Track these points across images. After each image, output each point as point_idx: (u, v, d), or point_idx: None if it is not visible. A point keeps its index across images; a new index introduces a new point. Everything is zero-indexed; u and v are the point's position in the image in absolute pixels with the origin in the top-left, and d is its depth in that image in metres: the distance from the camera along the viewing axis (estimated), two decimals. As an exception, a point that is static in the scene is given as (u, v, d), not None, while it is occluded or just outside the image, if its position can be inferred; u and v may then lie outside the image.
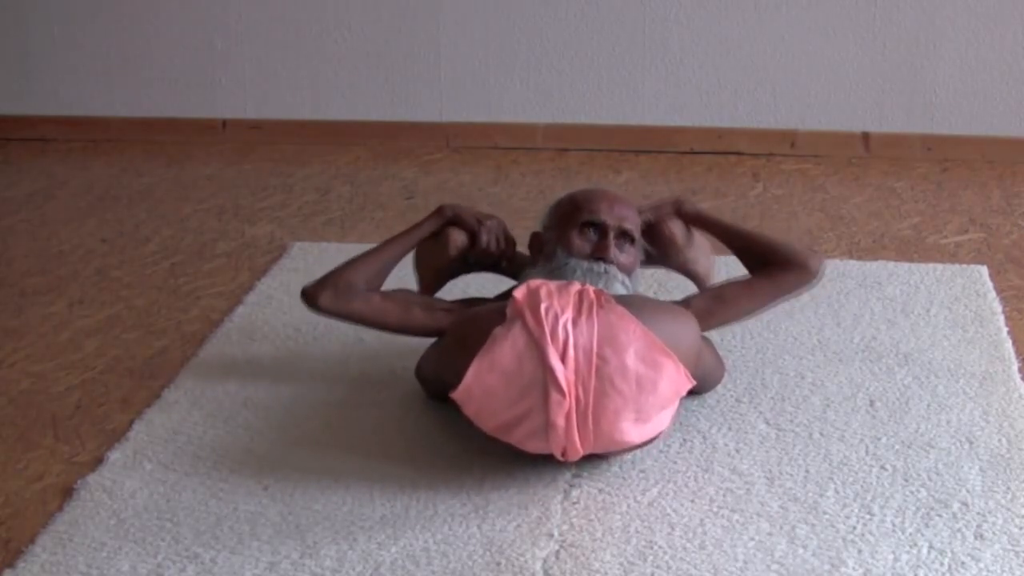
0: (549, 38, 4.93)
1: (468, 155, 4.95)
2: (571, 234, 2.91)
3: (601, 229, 2.91)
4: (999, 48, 4.74)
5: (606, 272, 2.86)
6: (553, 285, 2.63)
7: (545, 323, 2.53)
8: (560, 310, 2.55)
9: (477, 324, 2.65)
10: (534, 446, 2.59)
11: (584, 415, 2.53)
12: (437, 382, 2.85)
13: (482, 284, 3.40)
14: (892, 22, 4.76)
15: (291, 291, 3.60)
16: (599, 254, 2.88)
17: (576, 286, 2.63)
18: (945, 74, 4.78)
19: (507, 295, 2.98)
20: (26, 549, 2.46)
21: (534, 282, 2.64)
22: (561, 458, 2.59)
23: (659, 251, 3.06)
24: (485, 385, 2.57)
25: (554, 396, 2.51)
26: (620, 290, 2.84)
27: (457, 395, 2.61)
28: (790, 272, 2.96)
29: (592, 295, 2.60)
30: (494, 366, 2.56)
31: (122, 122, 5.19)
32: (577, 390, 2.52)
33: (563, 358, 2.51)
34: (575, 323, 2.54)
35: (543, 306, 2.55)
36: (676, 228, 3.06)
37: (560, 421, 2.52)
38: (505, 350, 2.55)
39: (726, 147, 4.90)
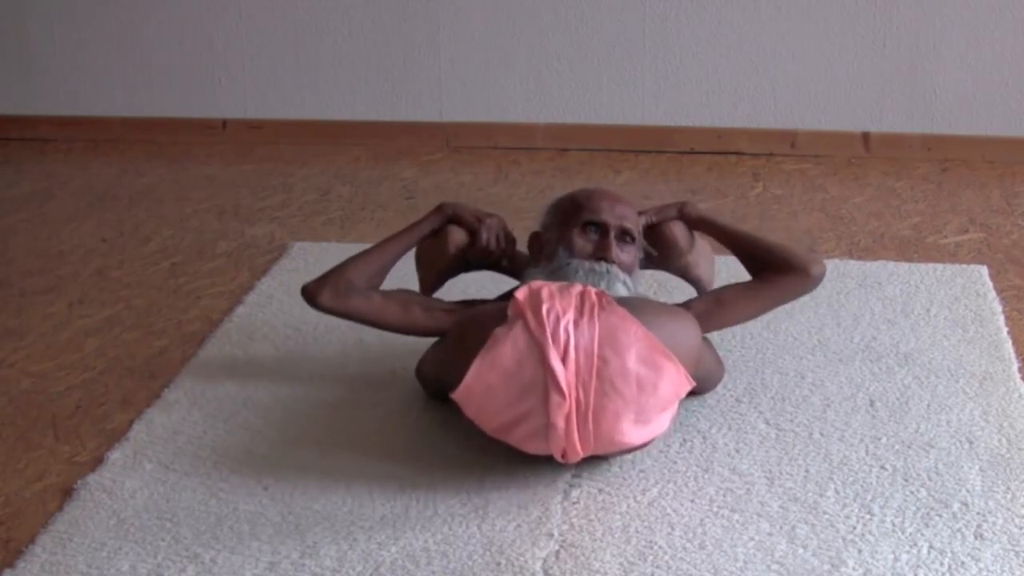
0: (549, 38, 4.93)
1: (468, 155, 4.95)
2: (572, 234, 2.91)
3: (602, 228, 2.91)
4: (999, 48, 4.74)
5: (608, 272, 2.86)
6: (555, 286, 2.62)
7: (547, 324, 2.53)
8: (561, 311, 2.55)
9: (478, 324, 2.65)
10: (534, 447, 2.59)
11: (584, 416, 2.53)
12: (437, 382, 2.85)
13: (482, 284, 3.40)
14: (892, 22, 4.76)
15: (291, 291, 3.60)
16: (601, 254, 2.88)
17: (578, 287, 2.62)
18: (945, 74, 4.78)
19: (509, 296, 2.99)
20: (26, 549, 2.46)
21: (535, 283, 2.64)
22: (561, 459, 2.59)
23: (661, 253, 3.06)
24: (485, 385, 2.57)
25: (554, 397, 2.51)
26: (622, 289, 2.84)
27: (457, 395, 2.61)
28: (790, 276, 2.95)
29: (593, 296, 2.59)
30: (495, 366, 2.55)
31: (122, 122, 5.19)
32: (577, 392, 2.52)
33: (564, 359, 2.51)
34: (576, 324, 2.54)
35: (544, 307, 2.55)
36: (679, 231, 3.06)
37: (560, 422, 2.52)
38: (506, 350, 2.55)
39: (726, 147, 4.90)
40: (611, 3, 4.87)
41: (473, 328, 2.66)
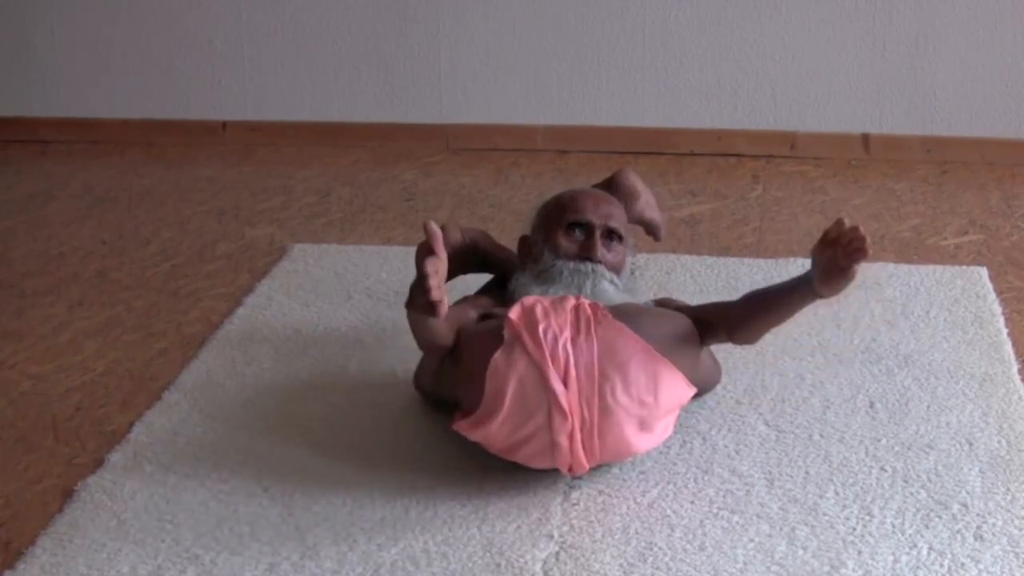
0: (549, 39, 4.93)
1: (468, 157, 4.95)
2: (557, 235, 2.91)
3: (587, 228, 2.91)
4: (999, 49, 4.74)
5: (593, 271, 2.85)
6: (547, 302, 2.59)
7: (545, 345, 2.51)
8: (558, 330, 2.52)
9: (476, 348, 2.62)
10: (540, 463, 2.59)
11: (590, 433, 2.52)
12: (435, 395, 2.85)
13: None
14: (892, 23, 4.76)
15: (291, 293, 3.60)
16: (586, 254, 2.88)
17: (571, 301, 2.59)
18: (945, 75, 4.78)
19: (493, 286, 3.01)
20: (26, 550, 2.47)
21: (528, 300, 2.61)
22: (567, 473, 2.59)
23: (623, 202, 3.14)
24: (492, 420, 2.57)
25: (557, 418, 2.49)
26: (608, 288, 2.83)
27: (460, 426, 2.61)
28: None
29: (588, 310, 2.57)
30: (498, 400, 2.54)
31: (122, 123, 5.19)
32: (582, 410, 2.51)
33: (565, 379, 2.50)
34: (574, 342, 2.52)
35: (541, 327, 2.52)
36: (634, 177, 3.31)
37: (564, 442, 2.51)
38: (507, 383, 2.53)
39: (726, 149, 4.90)
40: (611, 3, 4.87)
41: (469, 352, 2.63)
